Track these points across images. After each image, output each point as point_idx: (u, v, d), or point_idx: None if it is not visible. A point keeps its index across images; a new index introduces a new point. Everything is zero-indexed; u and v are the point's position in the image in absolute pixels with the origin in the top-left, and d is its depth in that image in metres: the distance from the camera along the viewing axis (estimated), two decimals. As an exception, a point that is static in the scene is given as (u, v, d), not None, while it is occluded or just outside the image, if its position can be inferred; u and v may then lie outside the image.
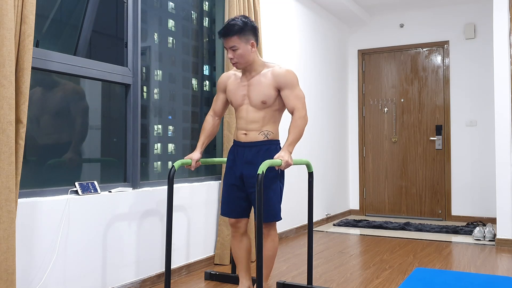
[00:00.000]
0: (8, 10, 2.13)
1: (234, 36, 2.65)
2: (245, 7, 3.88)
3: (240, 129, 2.83)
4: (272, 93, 2.72)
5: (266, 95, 2.72)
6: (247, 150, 2.78)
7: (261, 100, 2.73)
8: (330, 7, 5.83)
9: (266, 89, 2.72)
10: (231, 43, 2.66)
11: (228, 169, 2.88)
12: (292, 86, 2.72)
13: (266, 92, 2.72)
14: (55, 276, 2.54)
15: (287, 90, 2.71)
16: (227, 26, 2.67)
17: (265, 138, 2.77)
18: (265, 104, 2.73)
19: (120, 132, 3.17)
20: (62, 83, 2.81)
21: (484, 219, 5.82)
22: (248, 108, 2.78)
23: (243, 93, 2.79)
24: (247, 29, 2.68)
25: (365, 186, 6.58)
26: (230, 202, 2.85)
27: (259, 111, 2.76)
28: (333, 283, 3.27)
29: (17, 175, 2.20)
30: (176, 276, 3.41)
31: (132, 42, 3.17)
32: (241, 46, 2.67)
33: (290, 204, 4.98)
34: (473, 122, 5.92)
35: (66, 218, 2.60)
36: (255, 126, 2.77)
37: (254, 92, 2.74)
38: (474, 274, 3.40)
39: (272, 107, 2.76)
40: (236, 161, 2.82)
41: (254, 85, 2.74)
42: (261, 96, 2.73)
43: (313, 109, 5.54)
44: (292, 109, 2.72)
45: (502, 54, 4.47)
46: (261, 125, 2.76)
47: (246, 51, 2.69)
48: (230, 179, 2.85)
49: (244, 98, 2.79)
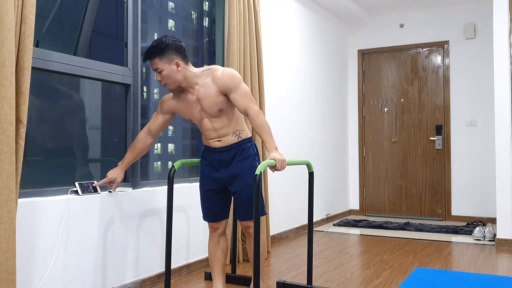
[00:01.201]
0: (8, 10, 2.13)
1: (155, 58, 2.60)
2: (245, 7, 3.88)
3: (211, 138, 2.77)
4: (223, 99, 2.67)
5: (218, 103, 2.66)
6: (225, 154, 2.75)
7: (217, 109, 2.67)
8: (330, 7, 5.83)
9: (215, 98, 2.65)
10: (155, 66, 2.61)
11: (203, 176, 2.84)
12: (235, 87, 2.65)
13: (217, 100, 2.65)
14: (55, 276, 2.54)
15: (232, 93, 2.65)
16: (148, 48, 2.61)
17: (239, 138, 2.75)
18: (223, 111, 2.69)
19: (120, 132, 3.17)
20: (62, 83, 2.81)
21: (484, 219, 5.82)
22: (210, 120, 2.72)
23: (199, 109, 2.71)
24: (168, 49, 2.59)
25: (365, 186, 6.58)
26: (209, 207, 2.83)
27: (222, 118, 2.71)
28: (333, 283, 3.27)
29: (17, 175, 2.20)
30: (176, 276, 3.41)
31: (132, 42, 3.17)
32: (165, 67, 2.60)
33: (290, 204, 4.98)
34: (473, 122, 5.92)
35: (66, 218, 2.61)
36: (225, 131, 2.73)
37: (207, 106, 2.67)
38: (474, 274, 3.40)
39: (231, 109, 2.72)
40: (213, 165, 2.79)
41: (203, 98, 2.67)
42: (215, 106, 2.67)
43: (313, 109, 5.54)
44: (244, 110, 2.66)
45: (502, 54, 4.47)
46: (230, 128, 2.73)
47: (172, 72, 2.61)
48: (205, 184, 2.82)
49: (202, 112, 2.72)
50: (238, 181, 2.73)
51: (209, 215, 2.84)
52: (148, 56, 2.62)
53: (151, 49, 2.60)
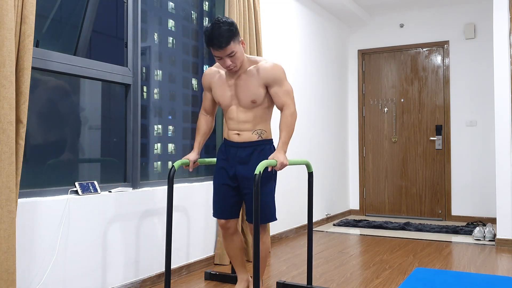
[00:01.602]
0: (8, 10, 2.13)
1: (230, 43, 2.51)
2: (245, 7, 3.88)
3: (232, 129, 2.75)
4: (261, 92, 2.65)
5: (255, 94, 2.64)
6: (241, 150, 2.73)
7: (250, 100, 2.65)
8: (330, 7, 5.83)
9: (254, 88, 2.63)
10: (229, 51, 2.53)
11: (220, 169, 2.81)
12: (280, 82, 2.63)
13: (255, 91, 2.64)
14: (55, 276, 2.54)
15: (276, 87, 2.64)
16: (218, 36, 2.49)
17: (259, 137, 2.72)
18: (255, 104, 2.67)
19: (120, 132, 3.17)
20: (62, 83, 2.81)
21: (484, 219, 5.82)
22: (238, 109, 2.70)
23: (231, 94, 2.70)
24: (236, 30, 2.56)
25: (365, 186, 6.58)
26: (222, 203, 2.80)
27: (250, 111, 2.69)
28: (333, 283, 3.27)
29: (17, 175, 2.20)
30: (176, 276, 3.41)
31: (132, 42, 3.17)
32: (238, 49, 2.57)
33: (290, 204, 4.98)
34: (473, 122, 5.92)
35: (66, 218, 2.61)
36: (247, 126, 2.70)
37: (242, 93, 2.66)
38: (474, 274, 3.40)
39: (262, 105, 2.69)
40: (229, 161, 2.77)
41: (242, 85, 2.65)
42: (250, 96, 2.65)
43: (313, 109, 5.55)
44: (281, 106, 2.65)
45: (502, 54, 4.47)
46: (253, 124, 2.70)
47: (242, 52, 2.61)
48: (221, 178, 2.79)
49: (233, 98, 2.70)
50: (251, 183, 2.69)
51: (220, 211, 2.80)
52: (222, 43, 2.49)
53: (223, 34, 2.48)
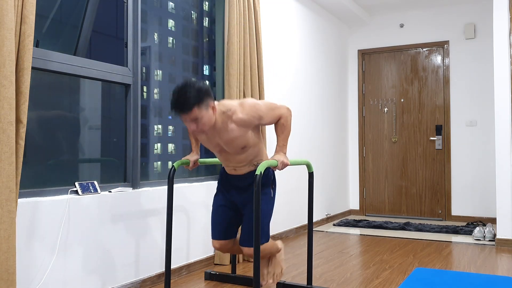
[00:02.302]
0: (8, 10, 2.13)
1: (193, 108, 2.37)
2: (245, 7, 3.88)
3: (227, 166, 2.73)
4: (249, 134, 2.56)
5: (243, 141, 2.56)
6: (241, 181, 2.73)
7: (240, 148, 2.59)
8: (330, 7, 5.83)
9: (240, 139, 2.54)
10: (192, 116, 2.39)
11: (220, 191, 2.84)
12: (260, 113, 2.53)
13: (242, 139, 2.55)
14: (55, 276, 2.54)
15: (261, 121, 2.55)
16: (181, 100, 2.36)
17: (257, 166, 2.69)
18: (246, 148, 2.60)
19: (120, 132, 3.17)
20: (61, 83, 2.81)
21: (484, 219, 5.82)
22: (229, 155, 2.66)
23: (219, 147, 2.63)
24: (204, 96, 2.40)
25: (365, 186, 6.58)
26: (220, 222, 2.80)
27: (242, 154, 2.64)
28: (333, 283, 3.27)
29: (17, 175, 2.20)
30: (176, 276, 3.41)
31: (132, 42, 3.17)
32: (204, 115, 2.41)
33: (290, 204, 4.98)
34: (473, 122, 5.92)
35: (66, 218, 2.60)
36: (242, 164, 2.68)
37: (230, 146, 2.58)
38: (474, 274, 3.40)
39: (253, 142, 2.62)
40: (228, 187, 2.79)
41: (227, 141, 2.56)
42: (239, 145, 2.57)
43: (313, 109, 5.54)
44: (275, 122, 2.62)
45: (502, 54, 4.47)
46: (248, 161, 2.68)
47: (210, 117, 2.45)
48: (220, 200, 2.82)
49: (221, 150, 2.64)
50: (249, 205, 2.71)
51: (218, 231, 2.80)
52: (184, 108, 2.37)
53: (187, 100, 2.36)
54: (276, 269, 2.95)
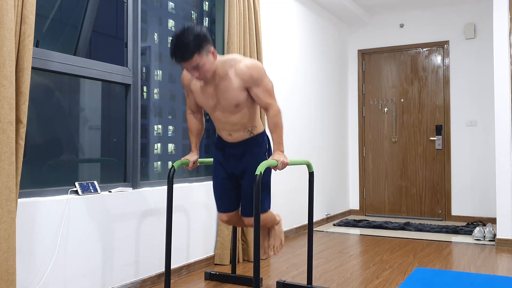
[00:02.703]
0: (8, 10, 2.13)
1: (194, 55, 2.35)
2: (245, 7, 3.88)
3: (221, 130, 2.73)
4: (243, 95, 2.57)
5: (237, 99, 2.56)
6: (235, 149, 2.74)
7: (234, 104, 2.58)
8: (330, 7, 5.83)
9: (235, 92, 2.54)
10: (194, 63, 2.37)
11: (217, 165, 2.84)
12: (259, 82, 2.54)
13: (236, 96, 2.55)
14: (55, 276, 2.54)
15: (256, 88, 2.54)
16: (181, 48, 2.33)
17: (251, 134, 2.72)
18: (239, 106, 2.60)
19: (120, 132, 3.17)
20: (62, 83, 2.81)
21: (484, 219, 5.82)
22: (223, 114, 2.65)
23: (213, 101, 2.63)
24: (203, 41, 2.38)
25: (365, 186, 6.58)
26: (224, 196, 2.83)
27: (236, 114, 2.63)
28: (333, 283, 3.27)
29: (17, 175, 2.20)
30: (176, 276, 3.41)
31: (132, 42, 3.17)
32: (205, 61, 2.40)
33: (290, 204, 4.98)
34: (473, 122, 5.92)
35: (66, 218, 2.61)
36: (236, 127, 2.68)
37: (224, 99, 2.57)
38: (474, 274, 3.40)
39: (247, 105, 2.63)
40: (225, 157, 2.79)
41: (222, 92, 2.56)
42: (233, 101, 2.57)
43: (313, 109, 5.54)
44: (265, 106, 2.60)
45: (502, 54, 4.47)
46: (242, 124, 2.67)
47: (211, 64, 2.45)
48: (220, 173, 2.83)
49: (216, 105, 2.63)
50: (246, 176, 2.73)
51: (222, 204, 2.84)
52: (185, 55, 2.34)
53: (186, 46, 2.33)
54: (276, 241, 2.99)
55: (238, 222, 2.93)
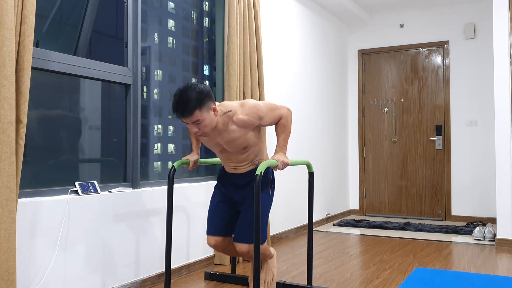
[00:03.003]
0: (8, 10, 2.13)
1: (195, 111, 2.39)
2: (245, 7, 3.88)
3: (227, 165, 2.74)
4: (250, 135, 2.58)
5: (245, 142, 2.58)
6: (240, 179, 2.74)
7: (242, 148, 2.61)
8: (330, 7, 5.83)
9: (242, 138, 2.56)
10: (194, 119, 2.41)
11: (217, 189, 2.85)
12: (261, 114, 2.55)
13: (243, 140, 2.57)
14: (55, 276, 2.54)
15: (260, 121, 2.56)
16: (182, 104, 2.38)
17: (257, 165, 2.72)
18: (247, 148, 2.62)
19: (120, 132, 3.17)
20: (61, 83, 2.81)
21: (484, 219, 5.82)
22: (230, 154, 2.66)
23: (220, 147, 2.64)
24: (205, 98, 2.42)
25: (365, 186, 6.58)
26: (217, 219, 2.80)
27: (244, 154, 2.66)
28: (333, 283, 3.27)
29: (17, 175, 2.20)
30: (176, 276, 3.41)
31: (132, 42, 3.17)
32: (205, 117, 2.43)
33: (290, 204, 4.98)
34: (473, 122, 5.92)
35: (66, 218, 2.61)
36: (243, 163, 2.70)
37: (231, 147, 2.60)
38: (474, 274, 3.40)
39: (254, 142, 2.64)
40: (227, 185, 2.80)
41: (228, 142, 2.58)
42: (240, 145, 2.59)
43: (313, 109, 5.54)
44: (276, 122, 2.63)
45: (502, 54, 4.47)
46: (249, 160, 2.69)
47: (212, 120, 2.47)
48: (218, 196, 2.83)
49: (222, 146, 2.65)
50: (245, 203, 2.72)
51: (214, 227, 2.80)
52: (186, 111, 2.39)
53: (188, 102, 2.38)
54: (268, 276, 2.95)
55: (225, 249, 2.86)
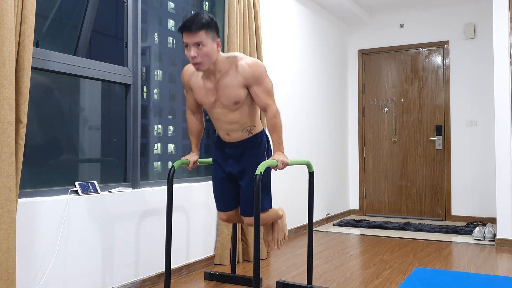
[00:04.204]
0: (8, 10, 2.13)
1: (201, 30, 2.36)
2: (245, 7, 3.88)
3: (220, 129, 2.73)
4: (243, 92, 2.57)
5: (236, 95, 2.56)
6: (233, 149, 2.75)
7: (233, 102, 2.59)
8: (330, 7, 5.83)
9: (235, 89, 2.54)
10: (197, 38, 2.36)
11: (216, 164, 2.85)
12: (260, 81, 2.54)
13: (236, 93, 2.55)
14: (55, 276, 2.54)
15: (255, 87, 2.55)
16: (192, 19, 2.36)
17: (249, 134, 2.72)
18: (238, 104, 2.60)
19: (120, 132, 3.17)
20: (62, 83, 2.81)
21: (484, 219, 5.82)
22: (222, 111, 2.65)
23: (212, 97, 2.62)
24: (214, 26, 2.42)
25: (365, 186, 6.58)
26: (223, 195, 2.85)
27: (235, 112, 2.63)
28: (333, 283, 3.27)
29: (17, 175, 2.20)
30: (176, 276, 3.41)
31: (132, 42, 3.17)
32: (208, 43, 2.40)
33: (290, 204, 4.98)
34: (473, 122, 5.92)
35: (66, 218, 2.61)
36: (235, 126, 2.67)
37: (224, 96, 2.57)
38: (474, 274, 3.40)
39: (247, 103, 2.63)
40: (224, 157, 2.81)
41: (222, 89, 2.56)
42: (232, 98, 2.57)
43: (313, 109, 5.54)
44: (263, 107, 2.60)
45: (502, 54, 4.47)
46: (241, 123, 2.67)
47: (212, 50, 2.44)
48: (219, 173, 2.84)
49: (215, 102, 2.63)
50: (245, 177, 2.74)
51: (221, 204, 2.86)
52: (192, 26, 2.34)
53: (197, 19, 2.35)
54: (280, 235, 2.99)
55: (237, 220, 2.95)
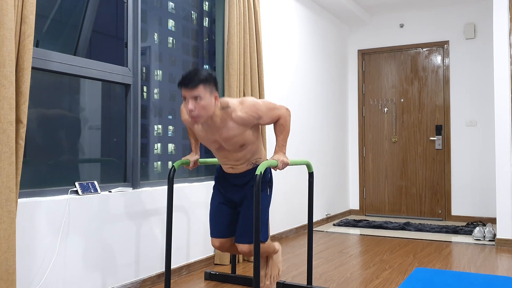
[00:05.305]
0: (8, 10, 2.13)
1: (200, 85, 2.40)
2: (245, 7, 3.88)
3: (224, 164, 2.73)
4: (248, 133, 2.57)
5: (242, 139, 2.57)
6: (239, 179, 2.74)
7: (239, 146, 2.59)
8: (330, 7, 5.83)
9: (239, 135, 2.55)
10: (195, 93, 2.40)
11: (217, 190, 2.84)
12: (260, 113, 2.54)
13: (241, 137, 2.56)
14: (55, 276, 2.54)
15: (259, 120, 2.56)
16: (190, 75, 2.42)
17: (255, 165, 2.72)
18: (244, 145, 2.61)
19: (120, 132, 3.17)
20: (61, 83, 2.81)
21: (484, 219, 5.82)
22: (228, 153, 2.65)
23: (217, 144, 2.63)
24: (212, 80, 2.46)
25: (365, 186, 6.58)
26: (219, 221, 2.81)
27: (241, 152, 2.64)
28: (333, 283, 3.27)
29: (17, 175, 2.20)
30: (176, 276, 3.41)
31: (132, 42, 3.17)
32: (206, 97, 2.42)
33: (290, 204, 4.98)
34: (473, 122, 5.92)
35: (66, 218, 2.61)
36: (240, 161, 2.68)
37: (229, 143, 2.58)
38: (474, 274, 3.40)
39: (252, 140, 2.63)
40: (225, 186, 2.80)
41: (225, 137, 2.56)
42: (238, 143, 2.58)
43: (313, 109, 5.55)
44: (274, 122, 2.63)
45: (502, 54, 4.47)
46: (246, 158, 2.68)
47: (210, 104, 2.45)
48: (218, 198, 2.83)
49: (219, 143, 2.63)
50: (245, 203, 2.72)
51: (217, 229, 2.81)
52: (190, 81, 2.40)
53: (195, 75, 2.41)
54: (273, 271, 2.95)
55: (230, 249, 2.88)
